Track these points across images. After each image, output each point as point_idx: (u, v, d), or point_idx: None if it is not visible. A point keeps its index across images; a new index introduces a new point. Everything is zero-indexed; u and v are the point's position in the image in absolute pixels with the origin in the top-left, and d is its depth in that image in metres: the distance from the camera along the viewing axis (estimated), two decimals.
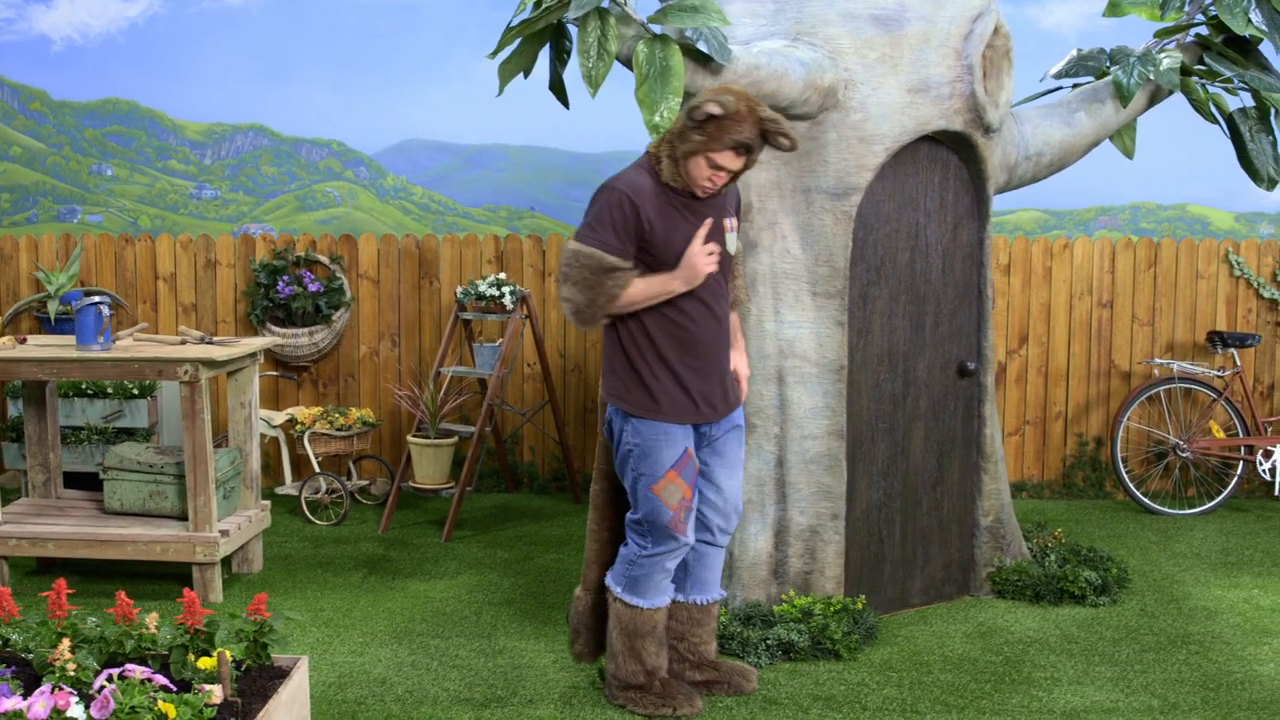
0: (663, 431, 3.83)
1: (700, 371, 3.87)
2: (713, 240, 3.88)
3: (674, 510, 3.85)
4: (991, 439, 5.11)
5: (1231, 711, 4.03)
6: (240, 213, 8.10)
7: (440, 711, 4.01)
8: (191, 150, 8.07)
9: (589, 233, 3.76)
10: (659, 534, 3.89)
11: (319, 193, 8.27)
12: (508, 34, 4.48)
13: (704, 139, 3.70)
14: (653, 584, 3.95)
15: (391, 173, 8.35)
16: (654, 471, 3.83)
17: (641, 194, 3.76)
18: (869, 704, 4.08)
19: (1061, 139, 5.19)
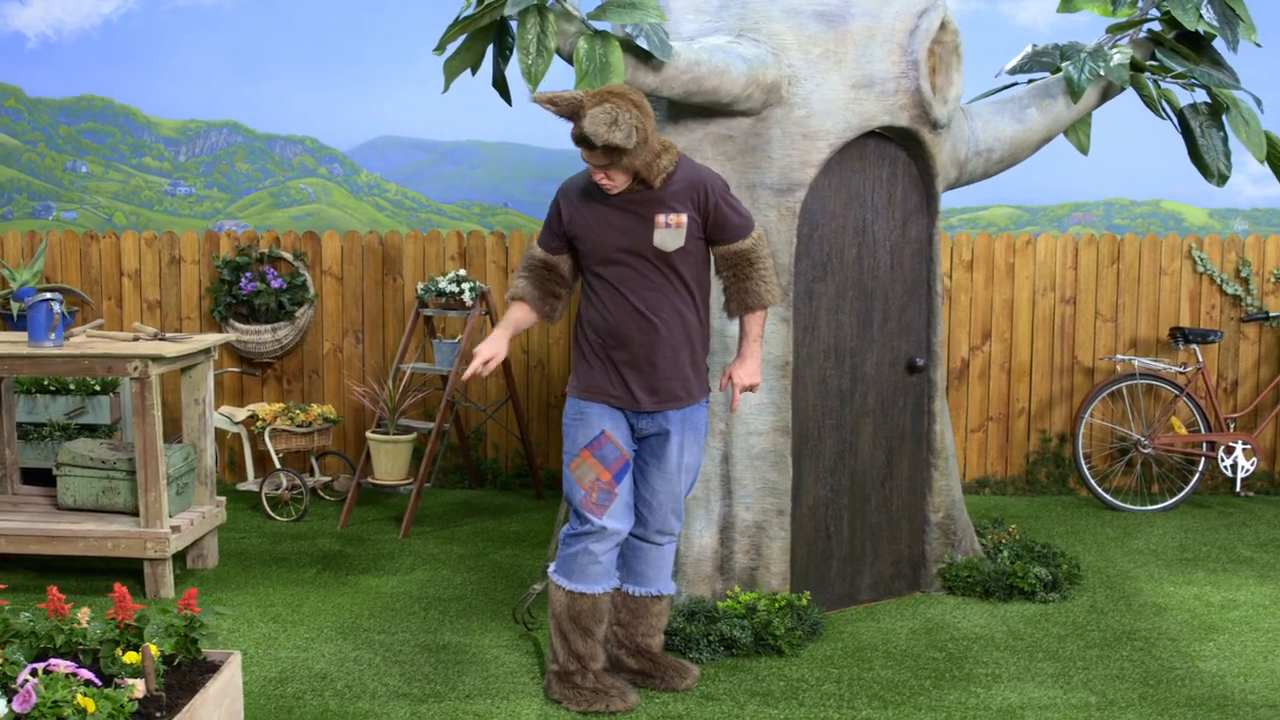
0: (581, 411, 3.97)
1: (626, 362, 3.91)
2: (626, 237, 3.84)
3: (586, 490, 3.92)
4: (942, 435, 5.11)
5: (1168, 708, 4.03)
6: (215, 209, 8.11)
7: (377, 706, 4.02)
8: (166, 147, 8.08)
9: (541, 231, 4.12)
10: (574, 513, 3.99)
11: (293, 189, 8.28)
12: (451, 30, 4.49)
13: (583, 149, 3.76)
14: (579, 566, 3.97)
15: (365, 169, 8.36)
16: (572, 449, 3.99)
17: (570, 192, 3.98)
18: (806, 700, 4.08)
19: (1012, 135, 5.19)
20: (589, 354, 3.97)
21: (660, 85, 4.31)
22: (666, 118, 4.64)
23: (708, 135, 4.63)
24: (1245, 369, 6.97)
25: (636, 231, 3.85)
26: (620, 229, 3.85)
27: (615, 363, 3.92)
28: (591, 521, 3.92)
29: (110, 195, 7.85)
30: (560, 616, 4.01)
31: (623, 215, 3.85)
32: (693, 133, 4.64)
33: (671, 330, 3.91)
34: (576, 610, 4.00)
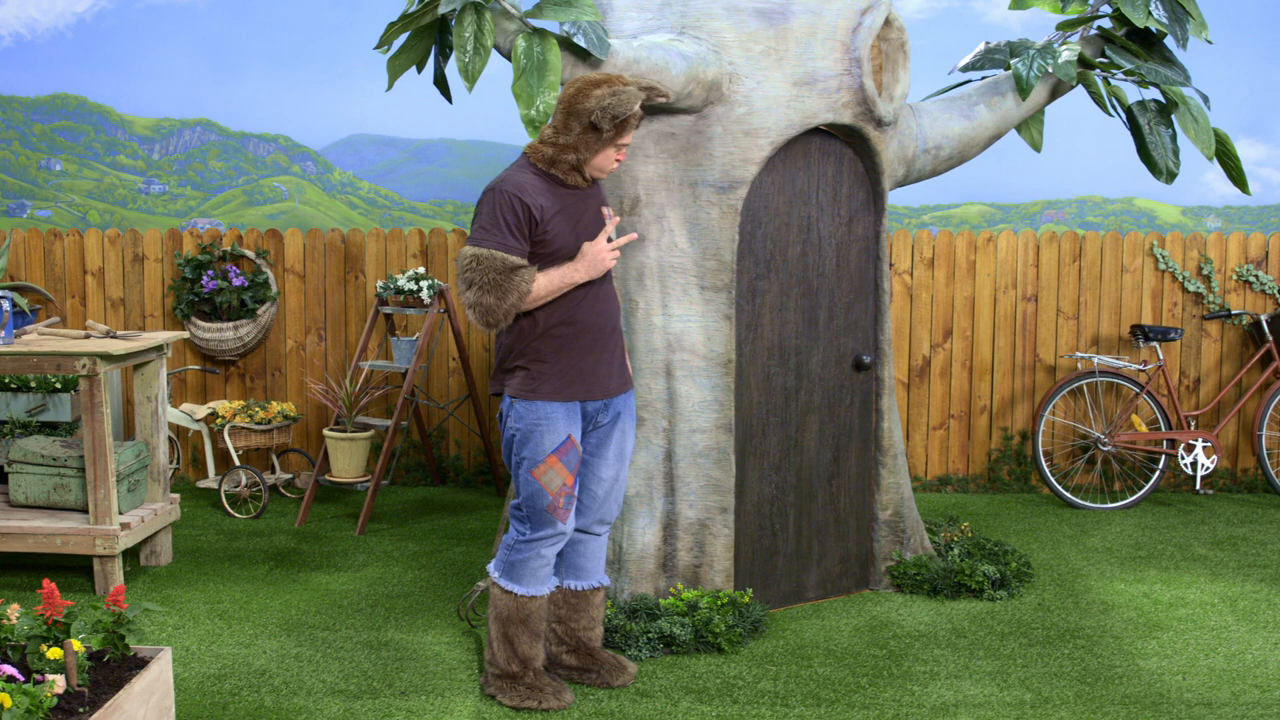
0: (545, 415, 3.85)
1: (586, 348, 3.89)
2: (592, 229, 3.93)
3: (553, 496, 3.87)
4: (890, 433, 5.11)
5: (1103, 706, 4.02)
6: (189, 207, 8.13)
7: (312, 703, 4.03)
8: (140, 145, 8.10)
9: (485, 235, 3.77)
10: (538, 519, 3.91)
11: (266, 187, 8.30)
12: (392, 28, 4.49)
13: (614, 133, 3.82)
14: (529, 570, 3.96)
15: (338, 167, 8.37)
16: (535, 456, 3.86)
17: (528, 191, 3.81)
18: (740, 697, 4.08)
19: (960, 132, 5.18)
20: (549, 354, 3.86)
21: None
22: None
23: (650, 133, 4.63)
24: (1207, 367, 6.96)
25: (596, 224, 3.95)
26: (587, 223, 3.91)
27: (585, 354, 3.89)
28: (556, 526, 3.92)
29: (84, 193, 7.87)
30: (508, 620, 3.99)
31: (584, 206, 3.91)
32: (637, 130, 4.64)
33: (617, 316, 4.04)
34: (526, 613, 4.00)
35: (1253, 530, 6.18)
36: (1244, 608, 4.98)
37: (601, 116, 3.75)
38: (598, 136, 3.80)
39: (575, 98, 3.81)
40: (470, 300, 3.75)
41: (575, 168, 3.86)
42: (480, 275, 3.72)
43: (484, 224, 3.78)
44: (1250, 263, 6.96)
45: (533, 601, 3.99)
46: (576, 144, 3.82)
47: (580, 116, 3.79)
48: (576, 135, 3.81)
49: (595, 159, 3.85)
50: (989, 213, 8.58)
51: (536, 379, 3.86)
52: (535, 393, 3.86)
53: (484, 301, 3.72)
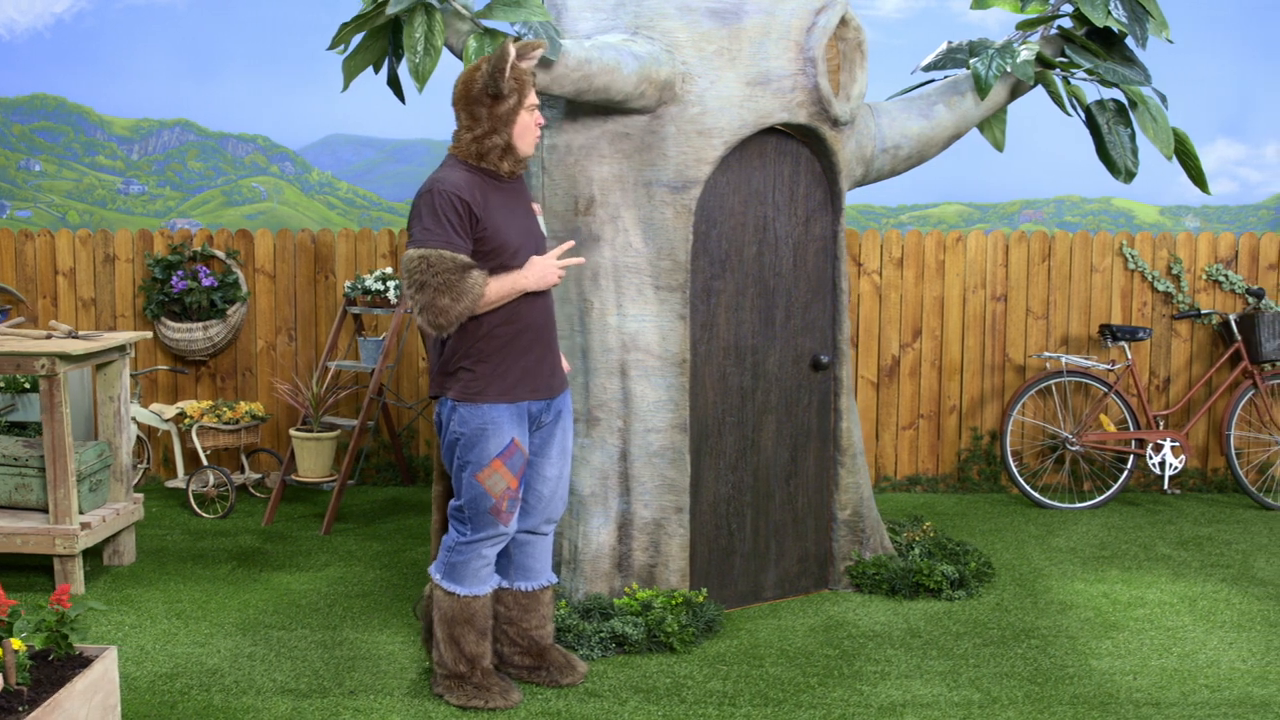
0: (490, 419, 3.83)
1: (528, 347, 3.88)
2: (527, 222, 3.93)
3: (497, 499, 3.87)
4: (849, 433, 5.11)
5: (1050, 705, 4.02)
6: (168, 208, 8.15)
7: (261, 701, 4.04)
8: (119, 146, 8.12)
9: (429, 235, 3.69)
10: (480, 521, 3.90)
11: (245, 188, 8.31)
12: (344, 29, 4.49)
13: (516, 96, 3.80)
14: (471, 571, 3.96)
15: (316, 168, 8.38)
16: (480, 460, 3.84)
17: (464, 189, 3.76)
18: (688, 697, 4.08)
19: (919, 131, 5.18)
20: (492, 354, 3.84)
21: (551, 83, 4.31)
22: (564, 115, 4.65)
23: (605, 133, 4.63)
24: (1177, 366, 6.95)
25: (529, 218, 3.96)
26: (520, 217, 3.91)
27: (527, 353, 3.88)
28: (499, 529, 3.92)
29: (64, 194, 7.89)
30: (454, 622, 3.99)
31: (517, 203, 3.91)
32: (590, 130, 4.64)
33: (553, 313, 4.04)
34: (471, 613, 3.99)
35: (1219, 530, 6.17)
36: (1203, 608, 4.97)
37: (490, 81, 3.74)
38: (503, 104, 3.77)
39: (464, 88, 3.83)
40: (423, 302, 3.65)
41: (505, 150, 3.82)
42: (432, 276, 3.65)
43: (426, 224, 3.71)
44: (1220, 262, 6.95)
45: (476, 601, 3.99)
46: (493, 125, 3.79)
47: (478, 100, 3.78)
48: (486, 117, 3.79)
49: (516, 132, 3.81)
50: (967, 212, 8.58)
51: (482, 381, 3.83)
52: (481, 395, 3.82)
53: (438, 303, 3.65)
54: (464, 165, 3.83)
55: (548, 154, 4.70)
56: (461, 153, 3.85)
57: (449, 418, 3.91)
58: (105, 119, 8.06)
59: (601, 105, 4.53)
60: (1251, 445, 6.90)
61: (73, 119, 7.92)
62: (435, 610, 4.04)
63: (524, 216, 3.92)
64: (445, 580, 3.99)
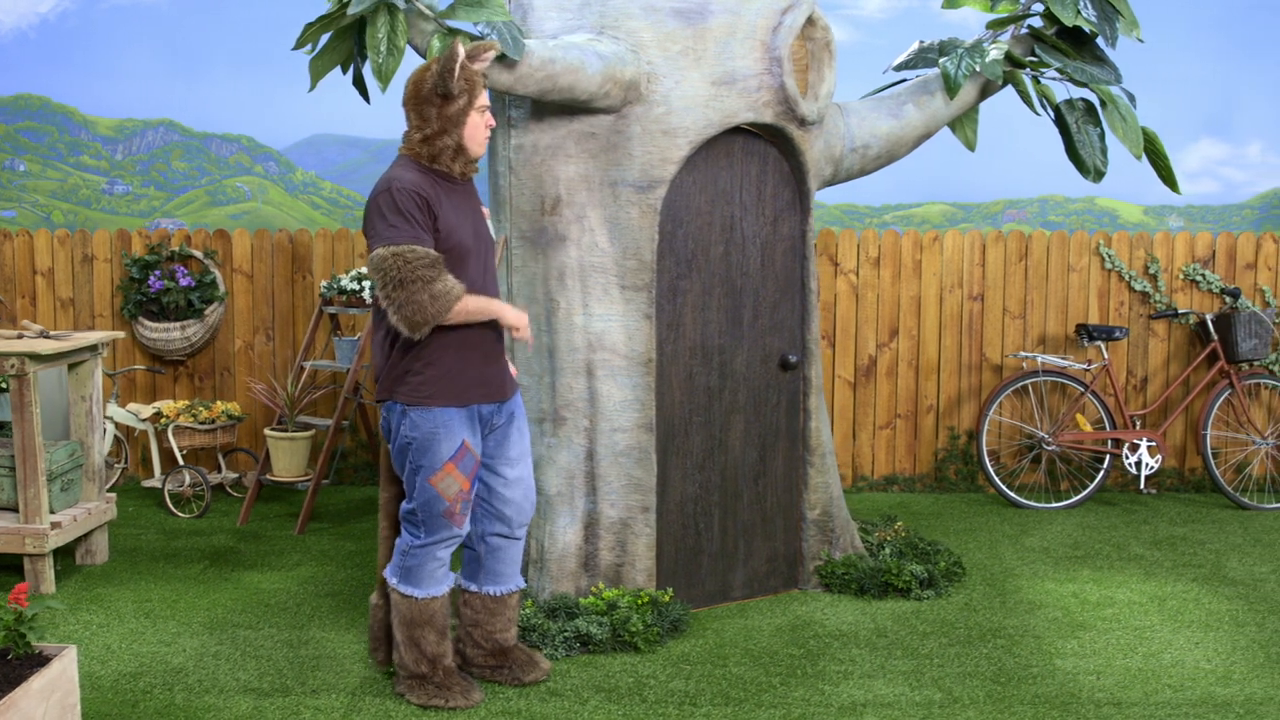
0: (441, 423, 3.82)
1: (478, 352, 3.87)
2: (478, 226, 3.93)
3: (450, 502, 3.87)
4: (818, 432, 5.11)
5: (1011, 705, 4.02)
6: (152, 208, 8.16)
7: (222, 700, 4.05)
8: (103, 146, 8.13)
9: (396, 233, 3.67)
10: (433, 524, 3.90)
11: (229, 188, 8.32)
12: (308, 29, 4.50)
13: (466, 97, 3.80)
14: (426, 573, 3.97)
15: (301, 168, 8.39)
16: (432, 464, 3.83)
17: (424, 188, 3.76)
18: (649, 696, 4.09)
19: (888, 131, 5.18)
20: (442, 358, 3.82)
21: (515, 83, 4.32)
22: (530, 115, 4.65)
23: (571, 133, 4.63)
24: (1155, 366, 6.95)
25: (479, 221, 3.96)
26: (471, 216, 3.92)
27: (480, 355, 3.88)
28: (453, 531, 3.93)
29: (48, 194, 7.90)
30: (413, 624, 4.00)
31: (469, 203, 3.92)
32: (556, 130, 4.64)
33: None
34: (430, 614, 4.00)
35: (1193, 530, 6.17)
36: (1171, 607, 4.97)
37: (440, 81, 3.74)
38: (453, 105, 3.77)
39: (414, 88, 3.82)
40: (402, 299, 3.62)
41: (457, 151, 3.82)
42: (409, 271, 3.62)
43: (392, 221, 3.68)
44: (1197, 262, 6.94)
45: (434, 602, 4.00)
46: (443, 126, 3.79)
47: (428, 100, 3.78)
48: (436, 117, 3.79)
49: (467, 132, 3.81)
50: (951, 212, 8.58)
51: (431, 385, 3.81)
52: (432, 399, 3.81)
53: (417, 299, 3.62)
54: (416, 165, 3.83)
55: (514, 154, 4.70)
56: (413, 153, 3.84)
57: (399, 423, 3.88)
58: (90, 119, 8.08)
59: (567, 105, 4.54)
60: (1229, 445, 6.89)
61: (57, 119, 7.93)
62: (394, 614, 4.04)
63: (475, 219, 3.93)
64: (402, 584, 3.99)
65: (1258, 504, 6.58)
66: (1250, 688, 4.15)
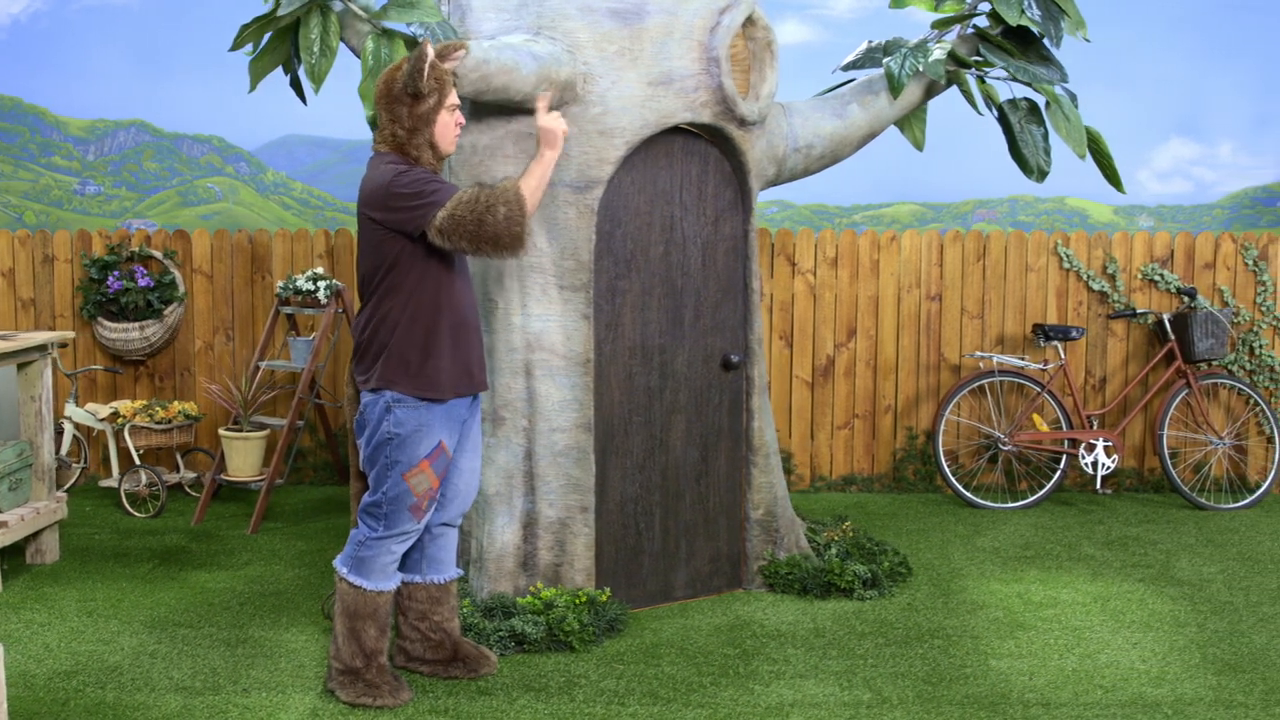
0: (425, 422, 3.89)
1: (471, 344, 3.98)
2: None
3: (419, 499, 3.94)
4: (761, 432, 5.11)
5: (939, 706, 4.02)
6: (124, 208, 8.18)
7: (152, 699, 4.06)
8: (75, 146, 8.15)
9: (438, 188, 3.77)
10: (396, 518, 3.95)
11: (200, 188, 8.35)
12: (244, 31, 4.52)
13: (436, 96, 3.86)
14: (379, 566, 4.00)
15: (271, 168, 8.41)
16: (410, 460, 3.90)
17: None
18: (578, 695, 4.09)
19: (832, 131, 5.18)
20: (435, 349, 3.88)
21: None
22: (469, 116, 4.66)
23: (509, 133, 4.64)
24: (1113, 366, 6.94)
25: None
26: None
27: (466, 348, 3.96)
28: (413, 525, 3.98)
29: (20, 194, 7.93)
30: (356, 615, 4.02)
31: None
32: (495, 130, 4.65)
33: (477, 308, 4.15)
34: (374, 607, 4.02)
35: (1147, 530, 6.16)
36: (1114, 607, 4.97)
37: (410, 80, 3.80)
38: (423, 104, 3.84)
39: (385, 87, 3.89)
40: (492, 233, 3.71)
41: (430, 147, 3.90)
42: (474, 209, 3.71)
43: (422, 187, 3.79)
44: (1156, 262, 6.93)
45: (381, 596, 4.03)
46: (414, 124, 3.86)
47: (398, 98, 3.85)
48: (407, 116, 3.85)
49: (437, 131, 3.88)
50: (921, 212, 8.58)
51: (434, 375, 3.87)
52: (431, 390, 3.86)
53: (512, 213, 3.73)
54: (400, 158, 3.90)
55: (454, 154, 4.71)
56: (391, 148, 3.92)
57: (382, 416, 3.91)
58: (61, 120, 8.10)
59: (503, 105, 4.54)
60: (1187, 445, 6.88)
61: (29, 120, 7.96)
62: (338, 603, 4.07)
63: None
64: (352, 574, 4.02)
65: (1215, 504, 6.57)
66: (1182, 688, 4.15)
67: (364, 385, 3.96)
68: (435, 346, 3.89)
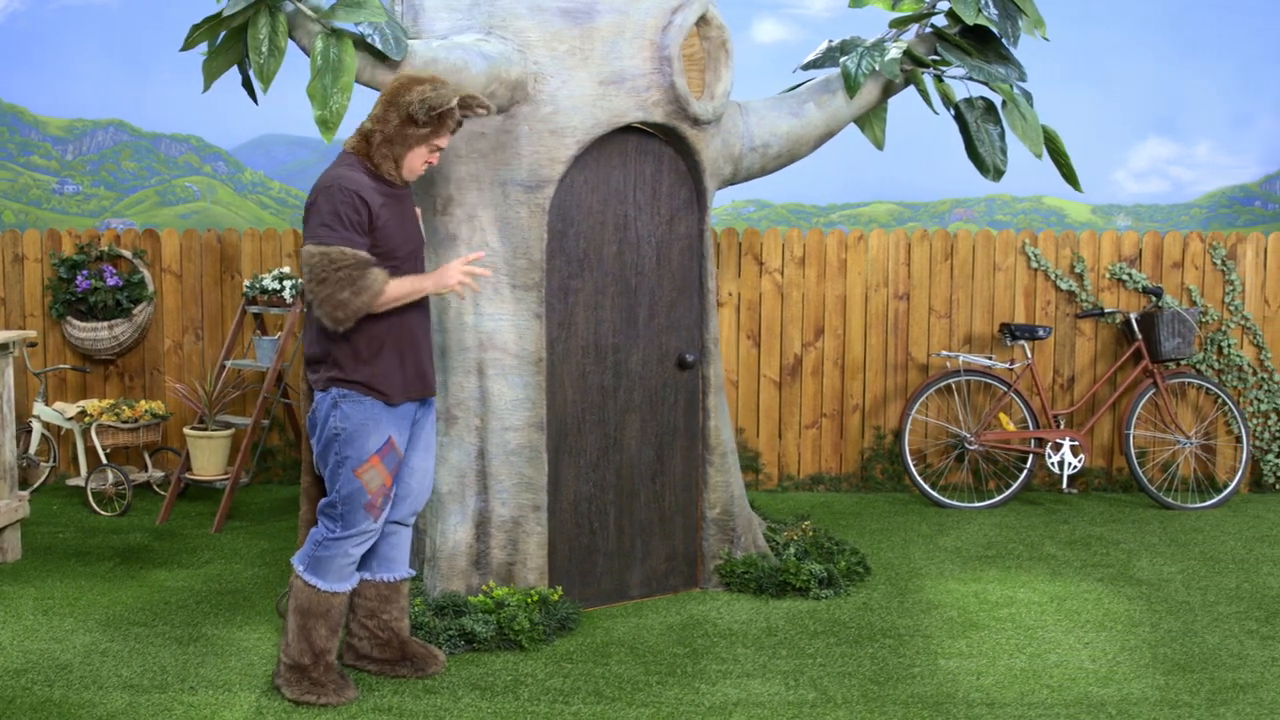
0: (371, 416, 3.92)
1: (415, 348, 4.00)
2: (412, 229, 4.05)
3: (373, 495, 3.96)
4: (718, 431, 5.11)
5: (884, 706, 4.02)
6: (102, 207, 8.20)
7: (99, 696, 4.07)
8: (53, 145, 8.18)
9: (330, 233, 3.78)
10: (353, 517, 3.97)
11: (179, 187, 8.36)
12: (195, 31, 4.52)
13: (429, 130, 3.92)
14: (336, 567, 4.02)
15: (249, 167, 8.43)
16: (359, 455, 3.92)
17: (365, 190, 3.87)
18: (523, 694, 4.10)
19: (789, 130, 5.18)
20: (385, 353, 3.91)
21: None
22: None
23: (462, 133, 4.64)
24: (1082, 365, 6.93)
25: (414, 224, 4.07)
26: (409, 220, 4.04)
27: (414, 353, 3.99)
28: (371, 525, 4.00)
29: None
30: (309, 614, 4.03)
31: (405, 208, 4.03)
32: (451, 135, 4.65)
33: (429, 313, 4.14)
34: (328, 607, 4.04)
35: (1111, 530, 6.15)
36: (1070, 607, 4.96)
37: (420, 108, 3.85)
38: (414, 130, 3.89)
39: (398, 90, 3.92)
40: (323, 296, 3.75)
41: (395, 163, 3.93)
42: (334, 271, 3.75)
43: (327, 221, 3.79)
44: (1124, 261, 6.92)
45: (336, 597, 4.04)
46: (393, 137, 3.89)
47: (400, 108, 3.88)
48: (394, 127, 3.89)
49: (409, 155, 3.93)
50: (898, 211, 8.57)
51: (383, 376, 3.91)
52: (374, 392, 3.90)
53: (338, 297, 3.74)
54: (361, 165, 3.94)
55: None
56: (359, 150, 3.95)
57: (328, 413, 3.96)
58: (40, 119, 8.12)
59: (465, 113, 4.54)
60: (1155, 444, 6.87)
61: (7, 119, 7.98)
62: (292, 601, 4.08)
63: (410, 223, 4.06)
64: (309, 573, 4.04)
65: (1181, 504, 6.56)
66: (1129, 688, 4.15)
67: (315, 386, 4.00)
68: (384, 350, 3.92)
